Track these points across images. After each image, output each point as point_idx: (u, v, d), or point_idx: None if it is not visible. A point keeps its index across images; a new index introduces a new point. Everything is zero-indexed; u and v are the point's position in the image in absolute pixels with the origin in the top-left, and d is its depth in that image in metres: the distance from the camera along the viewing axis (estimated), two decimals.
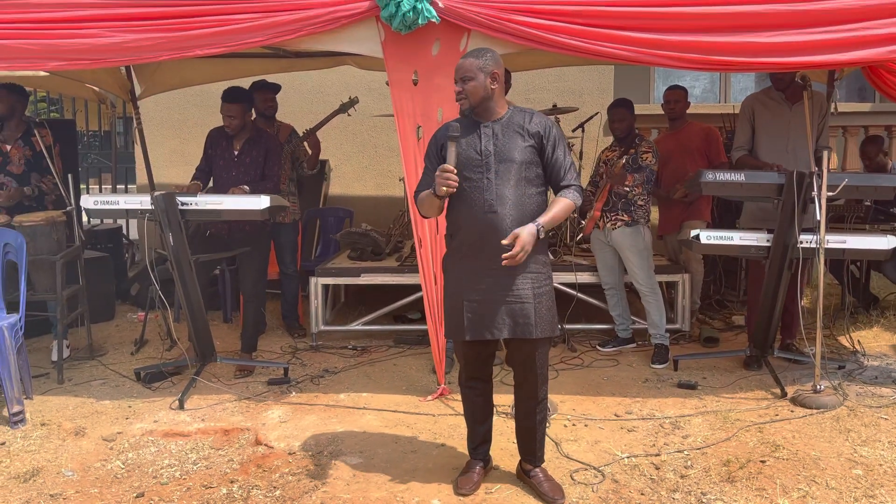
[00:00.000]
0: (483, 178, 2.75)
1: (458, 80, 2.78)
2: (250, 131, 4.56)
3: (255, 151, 4.51)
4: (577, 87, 7.27)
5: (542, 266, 2.83)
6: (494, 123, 2.81)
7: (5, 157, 4.82)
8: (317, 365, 4.58)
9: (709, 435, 3.43)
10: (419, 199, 2.87)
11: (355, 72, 6.23)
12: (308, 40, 3.63)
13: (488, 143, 2.78)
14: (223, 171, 4.49)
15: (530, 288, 2.76)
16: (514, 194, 2.75)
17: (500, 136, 2.78)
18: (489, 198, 2.74)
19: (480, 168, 2.76)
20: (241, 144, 4.51)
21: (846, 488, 2.90)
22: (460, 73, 2.78)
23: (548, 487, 2.85)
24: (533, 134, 2.79)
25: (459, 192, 2.76)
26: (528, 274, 2.78)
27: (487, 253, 2.73)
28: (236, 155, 4.50)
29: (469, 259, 2.81)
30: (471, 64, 2.76)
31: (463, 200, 2.78)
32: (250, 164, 4.49)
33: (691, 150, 5.09)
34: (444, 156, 2.78)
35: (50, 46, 3.58)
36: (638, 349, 4.79)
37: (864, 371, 4.29)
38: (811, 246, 3.86)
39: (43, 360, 4.67)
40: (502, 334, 2.78)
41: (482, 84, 2.76)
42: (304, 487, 2.99)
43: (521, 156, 2.77)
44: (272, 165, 4.55)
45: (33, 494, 2.98)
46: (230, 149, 4.52)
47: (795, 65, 3.60)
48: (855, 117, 7.22)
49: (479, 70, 2.75)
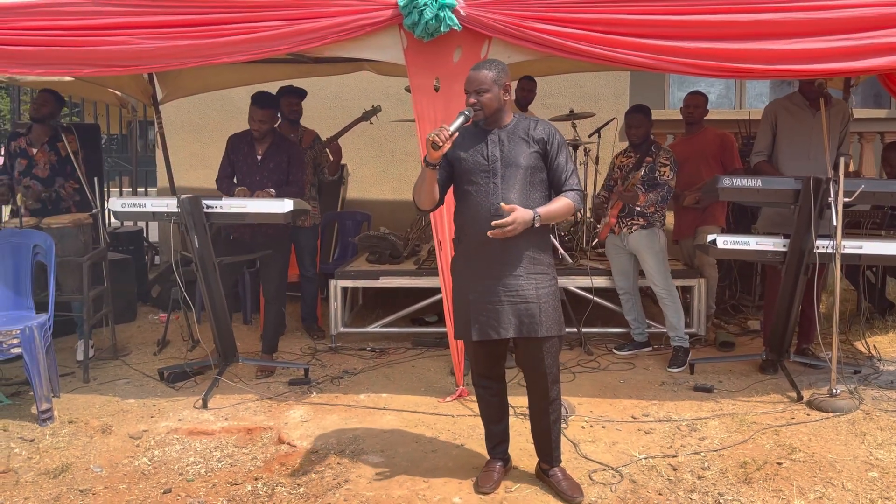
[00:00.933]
0: (490, 182, 2.83)
1: (473, 92, 2.83)
2: (273, 136, 4.64)
3: (278, 157, 4.58)
4: (593, 93, 7.33)
5: (547, 267, 2.90)
6: (500, 130, 2.90)
7: (31, 160, 4.92)
8: (336, 366, 4.65)
9: (725, 437, 3.47)
10: (414, 186, 2.93)
11: (374, 78, 6.32)
12: (332, 47, 3.71)
13: (495, 150, 2.86)
14: (246, 177, 4.57)
15: (534, 288, 2.83)
16: (519, 198, 2.82)
17: (507, 143, 2.87)
18: (495, 202, 2.81)
19: (487, 173, 2.84)
20: (265, 150, 4.59)
21: (862, 490, 2.94)
22: (474, 84, 2.83)
23: (566, 486, 2.91)
24: (538, 140, 2.87)
25: (465, 196, 2.86)
26: (533, 276, 2.85)
27: (491, 255, 2.82)
28: (260, 160, 4.58)
29: (475, 261, 2.88)
30: (485, 76, 2.82)
31: (469, 205, 2.87)
32: (274, 168, 4.57)
33: (707, 156, 5.12)
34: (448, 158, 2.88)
35: (83, 53, 3.67)
36: (654, 353, 4.83)
37: (879, 376, 4.31)
38: (827, 251, 3.89)
39: (67, 359, 4.76)
40: (508, 333, 2.84)
41: (496, 96, 2.84)
42: (327, 485, 3.06)
43: (526, 161, 2.85)
44: (297, 171, 4.63)
45: (63, 490, 3.05)
46: (253, 154, 4.59)
47: (813, 72, 3.64)
48: (871, 123, 7.22)
49: (494, 82, 2.83)
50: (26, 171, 4.91)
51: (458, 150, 2.89)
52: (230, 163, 4.65)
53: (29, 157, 4.92)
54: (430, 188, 2.85)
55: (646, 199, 4.53)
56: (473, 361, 3.05)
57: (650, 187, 4.59)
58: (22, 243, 4.14)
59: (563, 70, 6.03)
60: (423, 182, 2.85)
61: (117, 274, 5.43)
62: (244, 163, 4.60)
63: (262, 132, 4.54)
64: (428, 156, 2.74)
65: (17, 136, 5.02)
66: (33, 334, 3.76)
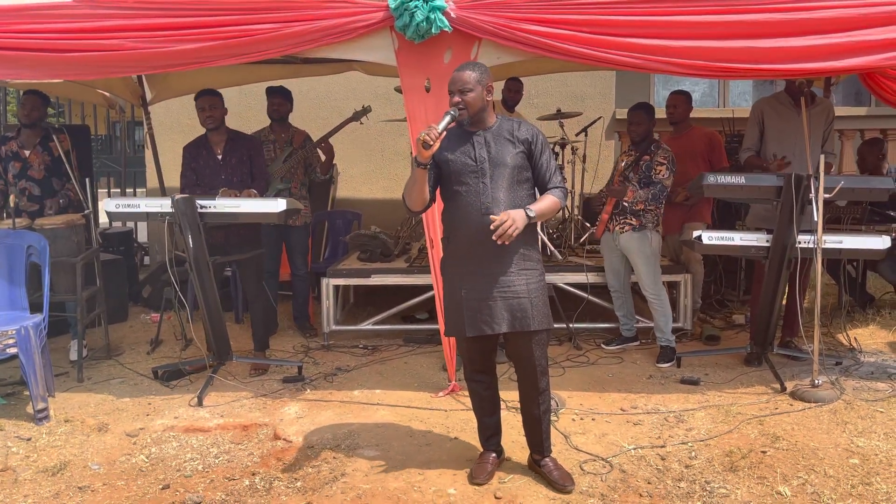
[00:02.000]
0: (479, 182, 2.91)
1: (457, 92, 2.91)
2: (227, 133, 4.63)
3: (238, 152, 4.58)
4: (579, 92, 7.42)
5: (536, 263, 2.99)
6: (486, 132, 2.98)
7: (25, 162, 4.93)
8: (329, 363, 4.70)
9: (712, 427, 3.56)
10: (405, 188, 2.98)
11: (363, 78, 6.37)
12: (325, 49, 3.76)
13: (482, 150, 2.94)
14: (212, 178, 4.54)
15: (525, 283, 2.92)
16: (507, 197, 2.91)
17: (493, 144, 2.95)
18: (485, 201, 2.89)
19: (476, 173, 2.92)
20: (223, 148, 4.58)
21: (844, 476, 3.03)
22: (458, 84, 2.91)
23: (558, 475, 2.99)
24: (522, 140, 2.97)
25: (455, 196, 2.94)
26: (523, 272, 2.93)
27: (483, 253, 2.90)
28: (220, 159, 4.57)
29: (466, 260, 2.96)
30: (469, 76, 2.90)
31: (459, 205, 2.94)
32: (236, 164, 4.57)
33: (694, 155, 5.19)
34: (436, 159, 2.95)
35: (76, 58, 3.68)
36: (642, 347, 4.92)
37: (860, 367, 4.42)
38: (809, 246, 3.99)
39: (61, 359, 4.78)
40: (501, 328, 2.92)
41: (480, 96, 2.92)
42: (324, 479, 3.11)
43: (513, 161, 2.93)
44: (259, 165, 4.65)
45: (62, 487, 3.09)
46: (213, 155, 4.58)
47: (796, 71, 3.73)
48: (851, 121, 7.37)
49: (477, 82, 2.91)
50: (21, 173, 4.90)
51: (445, 151, 2.96)
52: (192, 171, 4.61)
53: (22, 159, 4.92)
54: (420, 188, 2.91)
55: (634, 196, 4.53)
56: (467, 358, 3.12)
57: (644, 185, 4.61)
58: (16, 244, 4.16)
59: (550, 70, 6.11)
60: (414, 183, 2.91)
61: (108, 274, 5.44)
62: (206, 166, 4.57)
63: (216, 119, 4.52)
64: (419, 156, 2.81)
65: (7, 139, 4.97)
66: (29, 334, 3.79)
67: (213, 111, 4.53)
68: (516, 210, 2.82)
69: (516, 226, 2.76)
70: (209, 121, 4.53)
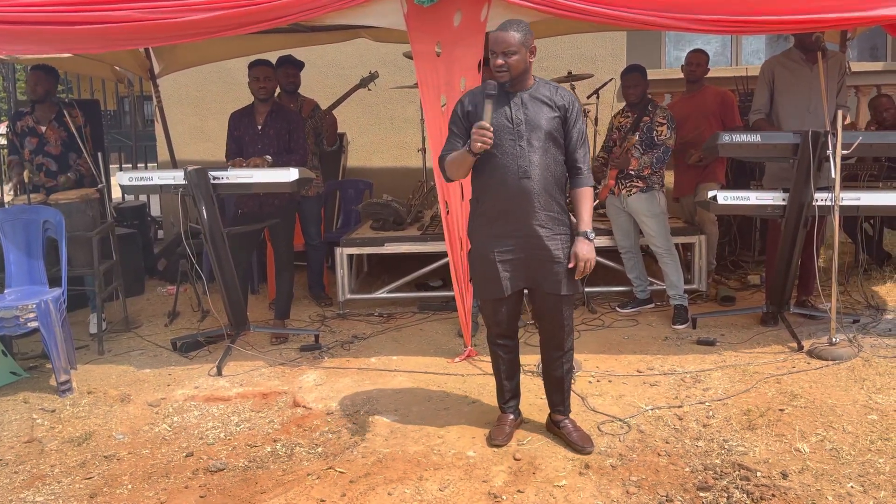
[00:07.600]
0: (516, 145, 2.87)
1: (501, 54, 2.82)
2: (272, 105, 4.66)
3: (278, 124, 4.61)
4: (590, 54, 7.31)
5: (567, 228, 2.97)
6: (522, 93, 2.92)
7: (41, 138, 4.94)
8: (345, 332, 4.74)
9: (729, 387, 3.57)
10: (448, 161, 2.97)
11: (370, 44, 6.29)
12: (334, 15, 3.71)
13: (518, 112, 2.88)
14: (249, 147, 4.60)
15: (560, 248, 2.91)
16: (541, 161, 2.88)
17: (529, 106, 2.89)
18: (523, 164, 2.86)
19: (513, 136, 2.87)
20: (264, 118, 4.61)
21: (862, 432, 3.04)
22: (502, 46, 2.82)
23: (577, 437, 3.01)
24: (559, 106, 2.91)
25: (489, 157, 2.87)
26: (557, 236, 2.92)
27: (520, 215, 2.88)
28: (260, 129, 4.61)
29: (499, 221, 2.93)
30: (513, 38, 2.81)
31: (494, 166, 2.89)
32: (274, 136, 4.60)
33: (707, 114, 5.15)
34: (469, 120, 2.90)
35: (85, 31, 3.64)
36: (656, 309, 4.92)
37: (878, 324, 4.41)
38: (826, 204, 3.95)
39: (81, 332, 4.84)
40: (537, 286, 2.95)
41: (523, 58, 2.85)
42: (344, 444, 3.15)
43: (548, 125, 2.89)
44: (298, 139, 4.67)
45: (88, 456, 3.15)
46: (253, 125, 4.62)
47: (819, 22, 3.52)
48: (867, 76, 7.23)
49: (522, 44, 2.83)
50: (38, 149, 4.92)
51: (482, 113, 2.90)
52: (234, 140, 4.67)
53: (39, 134, 4.94)
54: (467, 169, 2.94)
55: (639, 164, 4.58)
56: (493, 321, 3.11)
57: (648, 147, 4.62)
58: (32, 219, 4.20)
59: (560, 32, 6.00)
60: (462, 165, 2.92)
61: (124, 248, 5.48)
62: (246, 134, 4.63)
63: (268, 91, 4.58)
64: (474, 148, 2.79)
65: (22, 115, 5.02)
66: (49, 308, 3.83)
67: (266, 82, 4.58)
68: (579, 244, 2.88)
69: (589, 259, 2.87)
70: (261, 91, 4.58)
